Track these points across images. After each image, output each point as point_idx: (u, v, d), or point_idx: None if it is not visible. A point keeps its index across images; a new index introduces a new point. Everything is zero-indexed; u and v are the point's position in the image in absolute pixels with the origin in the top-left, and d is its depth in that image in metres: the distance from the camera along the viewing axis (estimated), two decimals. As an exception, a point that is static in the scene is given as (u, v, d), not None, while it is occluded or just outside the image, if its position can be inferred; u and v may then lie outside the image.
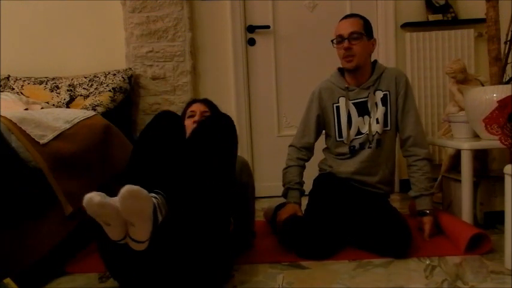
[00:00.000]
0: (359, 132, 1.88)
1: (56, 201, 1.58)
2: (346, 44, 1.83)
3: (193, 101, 1.97)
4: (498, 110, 1.62)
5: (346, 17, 1.90)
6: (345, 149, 1.90)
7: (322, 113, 1.95)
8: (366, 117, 1.87)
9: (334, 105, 1.91)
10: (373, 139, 1.86)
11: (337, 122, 1.90)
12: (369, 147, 1.87)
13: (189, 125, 1.78)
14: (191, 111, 1.88)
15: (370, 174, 1.90)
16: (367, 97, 1.87)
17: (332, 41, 1.89)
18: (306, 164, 2.01)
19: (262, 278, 1.50)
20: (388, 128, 1.88)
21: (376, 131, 1.86)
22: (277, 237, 1.86)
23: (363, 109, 1.87)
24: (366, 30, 1.85)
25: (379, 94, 1.87)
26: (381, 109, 1.86)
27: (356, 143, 1.88)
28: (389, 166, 1.94)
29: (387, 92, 1.87)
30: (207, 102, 1.95)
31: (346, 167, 1.90)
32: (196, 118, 1.83)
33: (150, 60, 2.74)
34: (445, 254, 1.63)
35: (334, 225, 1.74)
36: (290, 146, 2.03)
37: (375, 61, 1.93)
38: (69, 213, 1.60)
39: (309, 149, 2.00)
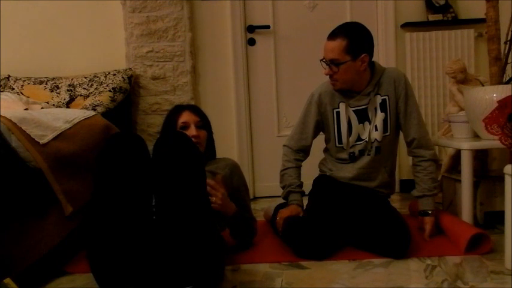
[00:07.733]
0: (359, 139, 1.86)
1: (56, 201, 1.58)
2: (327, 70, 1.81)
3: (181, 108, 1.81)
4: (498, 110, 1.62)
5: (330, 36, 1.80)
6: (344, 155, 1.89)
7: (321, 118, 1.92)
8: (366, 123, 1.84)
9: (335, 110, 1.87)
10: (372, 147, 1.85)
11: (337, 128, 1.87)
12: (368, 154, 1.85)
13: None
14: (183, 122, 1.75)
15: (369, 179, 1.89)
16: (368, 104, 1.84)
17: (320, 60, 1.84)
18: (306, 164, 2.01)
19: (262, 278, 1.51)
20: (388, 134, 1.85)
21: (375, 139, 1.84)
22: (280, 235, 1.81)
23: (363, 116, 1.84)
24: (350, 50, 1.74)
25: (378, 99, 1.84)
26: (380, 115, 1.83)
27: (356, 150, 1.86)
28: (389, 169, 1.92)
29: (386, 97, 1.83)
30: (197, 110, 1.83)
31: (345, 173, 1.89)
32: (193, 132, 1.71)
33: (150, 60, 2.73)
34: (445, 254, 1.63)
35: (334, 225, 1.74)
36: (285, 146, 2.00)
37: (373, 63, 1.86)
38: (69, 213, 1.60)
39: (306, 152, 1.99)
